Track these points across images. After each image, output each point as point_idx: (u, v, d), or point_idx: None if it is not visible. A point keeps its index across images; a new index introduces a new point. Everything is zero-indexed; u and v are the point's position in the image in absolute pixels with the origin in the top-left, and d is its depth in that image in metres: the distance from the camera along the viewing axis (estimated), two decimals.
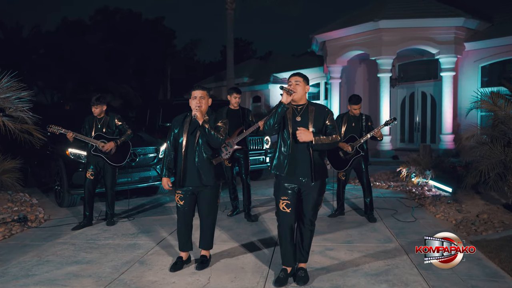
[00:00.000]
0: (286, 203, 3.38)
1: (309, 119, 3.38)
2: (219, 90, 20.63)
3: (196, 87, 3.74)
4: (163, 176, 3.80)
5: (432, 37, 11.92)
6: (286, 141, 3.38)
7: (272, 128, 3.34)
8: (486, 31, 12.28)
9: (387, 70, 12.43)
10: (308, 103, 3.48)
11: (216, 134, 3.60)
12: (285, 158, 3.37)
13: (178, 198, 3.76)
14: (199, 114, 3.58)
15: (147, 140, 7.20)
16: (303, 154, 3.35)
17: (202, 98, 3.67)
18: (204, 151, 3.68)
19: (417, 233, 4.71)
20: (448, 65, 12.12)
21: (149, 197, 7.24)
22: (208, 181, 3.69)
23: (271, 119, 3.30)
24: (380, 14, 11.98)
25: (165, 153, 3.83)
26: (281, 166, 3.38)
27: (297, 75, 3.44)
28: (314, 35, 14.04)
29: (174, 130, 3.79)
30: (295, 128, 3.34)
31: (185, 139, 3.67)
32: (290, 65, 18.85)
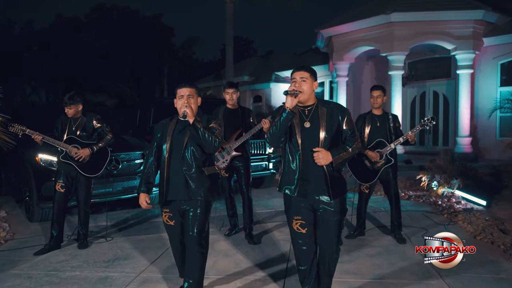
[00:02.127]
0: (301, 223, 2.76)
1: (320, 124, 2.70)
2: (218, 89, 19.67)
3: (182, 85, 3.01)
4: (140, 191, 3.10)
5: (449, 31, 10.98)
6: (295, 154, 2.74)
7: (277, 140, 2.70)
8: (506, 26, 11.35)
9: (399, 68, 11.49)
10: (318, 103, 2.78)
11: (211, 136, 2.88)
12: (295, 175, 2.73)
13: (167, 218, 3.05)
14: (190, 110, 2.87)
15: (132, 144, 6.26)
16: (316, 168, 2.70)
17: (190, 97, 2.96)
18: (194, 157, 2.96)
19: (464, 264, 3.77)
20: (465, 62, 11.18)
21: (135, 209, 6.30)
22: (197, 193, 2.94)
23: (273, 129, 2.63)
24: (392, 6, 11.03)
25: (145, 164, 3.16)
26: (291, 185, 2.75)
27: (303, 70, 2.74)
28: (320, 29, 13.09)
29: (157, 135, 3.10)
30: (305, 137, 2.70)
31: (169, 141, 2.99)
32: (292, 63, 17.93)
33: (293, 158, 2.72)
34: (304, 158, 2.69)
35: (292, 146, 2.73)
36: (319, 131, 2.68)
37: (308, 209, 2.75)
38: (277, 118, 2.64)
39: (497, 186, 6.76)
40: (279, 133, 2.64)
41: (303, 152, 2.69)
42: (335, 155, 2.65)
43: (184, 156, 2.93)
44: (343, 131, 2.74)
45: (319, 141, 2.66)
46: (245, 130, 4.69)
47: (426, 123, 4.37)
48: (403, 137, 4.38)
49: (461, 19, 10.88)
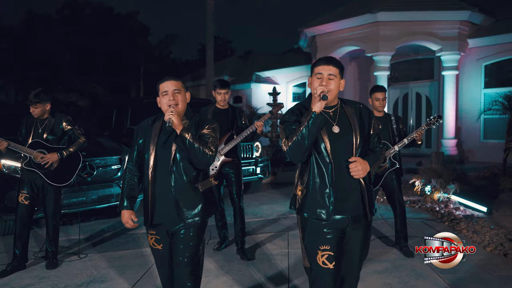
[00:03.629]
0: (329, 255, 2.21)
1: (352, 128, 2.24)
2: (197, 89, 19.10)
3: (165, 78, 2.41)
4: (122, 208, 2.47)
5: (434, 32, 10.82)
6: (324, 167, 2.20)
7: (303, 152, 2.16)
8: (490, 27, 11.29)
9: (384, 68, 11.26)
10: (341, 102, 2.33)
11: (202, 148, 2.28)
12: (327, 194, 2.20)
13: (154, 241, 2.45)
14: (176, 118, 2.27)
15: (108, 148, 5.68)
16: (351, 182, 2.23)
17: (176, 93, 2.39)
18: (185, 172, 2.36)
19: (482, 282, 3.43)
20: (450, 63, 11.06)
21: (112, 219, 5.73)
22: (190, 215, 2.36)
23: (298, 137, 2.12)
24: (378, 5, 10.78)
25: (125, 175, 2.52)
26: (321, 207, 2.21)
27: (331, 63, 2.21)
28: (303, 28, 12.75)
29: (138, 140, 2.48)
30: (335, 144, 2.21)
31: (153, 152, 2.37)
32: (273, 63, 17.58)
33: (321, 173, 2.20)
34: (337, 171, 2.19)
35: (319, 158, 2.21)
36: (351, 136, 2.21)
37: (338, 235, 2.23)
38: (303, 125, 2.11)
39: (492, 190, 6.54)
40: (307, 144, 2.11)
41: (335, 163, 2.19)
42: (372, 165, 2.21)
43: (172, 170, 2.34)
44: (370, 135, 2.32)
45: (353, 149, 2.20)
46: (236, 132, 4.23)
47: (433, 122, 4.02)
48: (407, 138, 4.02)
49: (447, 20, 10.75)
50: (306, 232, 2.29)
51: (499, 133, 10.60)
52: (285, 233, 4.93)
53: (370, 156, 2.26)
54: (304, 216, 2.27)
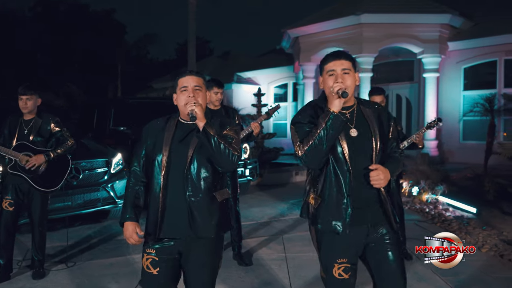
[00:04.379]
0: (345, 267, 2.06)
1: (372, 131, 2.05)
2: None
3: (186, 72, 2.19)
4: (125, 219, 2.17)
5: (416, 34, 10.96)
6: (341, 174, 2.01)
7: (321, 157, 1.97)
8: (470, 30, 11.53)
9: (368, 70, 11.33)
10: (359, 102, 2.14)
11: (228, 148, 2.03)
12: (344, 203, 2.01)
13: (149, 263, 2.10)
14: (200, 110, 2.03)
15: (94, 150, 5.45)
16: (370, 191, 2.05)
17: (197, 90, 2.14)
18: (203, 177, 2.09)
19: (484, 284, 3.42)
20: (432, 66, 11.23)
21: (98, 223, 5.50)
22: (207, 230, 2.09)
23: (315, 141, 1.93)
24: (362, 7, 10.85)
25: (129, 180, 2.24)
26: (337, 218, 2.02)
27: (343, 57, 2.04)
28: (287, 29, 12.71)
29: (146, 142, 2.22)
30: (353, 149, 2.02)
31: (166, 154, 2.10)
32: (254, 64, 17.48)
33: (338, 181, 2.01)
34: (355, 179, 2.01)
35: (336, 165, 2.02)
36: (371, 140, 2.03)
37: (356, 248, 2.08)
38: (320, 127, 1.92)
39: (478, 191, 6.64)
40: (325, 148, 1.92)
41: (354, 170, 2.00)
42: (393, 173, 2.03)
43: (189, 175, 2.07)
44: (388, 140, 2.13)
45: (373, 155, 2.02)
46: None
47: (432, 124, 4.01)
48: (407, 140, 3.99)
49: (428, 23, 10.91)
50: (321, 246, 2.12)
51: (478, 134, 10.85)
52: (280, 237, 4.84)
53: (391, 164, 2.08)
54: (319, 228, 2.09)
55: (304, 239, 4.73)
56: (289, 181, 8.91)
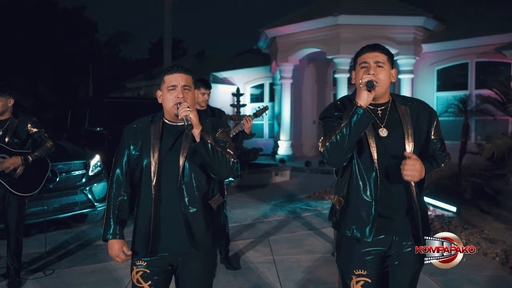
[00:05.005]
0: (364, 281, 1.87)
1: (404, 131, 1.85)
2: (150, 89, 18.47)
3: (173, 69, 1.97)
4: (109, 237, 1.96)
5: (392, 36, 11.14)
6: (367, 176, 1.84)
7: (343, 154, 1.77)
8: (442, 33, 11.82)
9: (345, 71, 11.42)
10: (394, 99, 1.94)
11: (225, 155, 1.86)
12: (370, 208, 1.83)
13: (139, 276, 1.95)
14: (195, 116, 1.84)
15: (71, 152, 5.23)
16: (399, 196, 1.86)
17: (187, 89, 1.94)
18: (197, 185, 1.93)
19: (473, 283, 3.46)
20: (407, 67, 11.44)
21: (74, 228, 5.28)
22: (204, 241, 1.95)
23: (337, 137, 1.74)
24: (339, 8, 10.93)
25: (111, 189, 2.01)
26: (361, 224, 1.85)
27: (377, 50, 1.87)
28: (264, 29, 12.67)
29: (128, 146, 2.00)
30: (382, 151, 1.84)
31: (155, 162, 1.91)
32: (230, 64, 17.37)
33: (364, 183, 1.84)
34: (382, 182, 1.83)
35: (362, 165, 1.85)
36: (403, 142, 1.84)
37: (378, 260, 1.90)
38: (344, 122, 1.74)
39: (456, 190, 6.77)
40: (347, 145, 1.74)
41: (381, 172, 1.83)
42: (429, 171, 1.79)
43: (183, 183, 1.90)
44: (430, 141, 1.92)
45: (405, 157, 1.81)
46: None
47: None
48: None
49: (404, 25, 11.09)
50: (340, 251, 1.96)
51: (450, 134, 11.12)
52: (265, 239, 4.77)
53: (429, 161, 1.84)
54: (340, 232, 1.94)
55: (291, 241, 4.69)
56: (269, 182, 8.87)
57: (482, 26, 10.84)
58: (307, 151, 14.20)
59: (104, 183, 5.22)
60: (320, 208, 6.38)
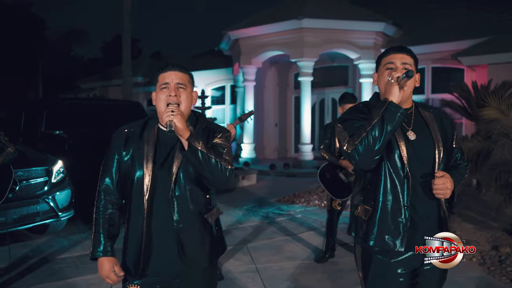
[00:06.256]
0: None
1: (433, 135, 1.80)
2: (105, 90, 17.75)
3: (168, 67, 1.80)
4: (99, 254, 1.76)
5: (354, 41, 11.38)
6: (398, 181, 1.74)
7: (373, 155, 1.66)
8: (400, 39, 12.20)
9: (308, 74, 11.52)
10: (416, 105, 1.90)
11: (219, 161, 1.69)
12: (401, 215, 1.75)
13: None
14: (179, 120, 1.65)
15: (31, 157, 4.81)
16: (428, 204, 1.78)
17: (181, 88, 1.78)
18: (191, 198, 1.76)
19: (457, 285, 3.50)
20: (367, 71, 11.70)
21: (34, 240, 4.86)
22: (199, 260, 1.79)
23: (369, 138, 1.63)
24: (303, 12, 11.00)
25: (99, 201, 1.81)
26: (392, 234, 1.75)
27: (405, 52, 1.80)
28: (227, 31, 12.51)
29: (120, 152, 1.81)
30: (412, 155, 1.75)
31: (149, 174, 1.73)
32: (190, 65, 16.96)
33: (394, 189, 1.74)
34: (414, 187, 1.74)
35: (392, 170, 1.75)
36: (432, 147, 1.78)
37: (408, 274, 1.80)
38: (375, 119, 1.64)
39: None
40: (381, 143, 1.64)
41: (413, 178, 1.74)
42: (457, 184, 1.77)
43: (175, 196, 1.73)
44: (452, 149, 1.89)
45: (435, 164, 1.78)
46: None
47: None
48: None
49: (365, 30, 11.37)
50: (370, 272, 1.80)
51: None
52: (244, 246, 4.62)
53: (455, 173, 1.81)
54: (369, 248, 1.80)
55: (270, 248, 4.57)
56: (236, 186, 8.70)
57: (438, 33, 11.31)
58: (269, 154, 14.18)
59: (67, 191, 4.86)
60: (293, 212, 6.31)
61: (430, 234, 1.76)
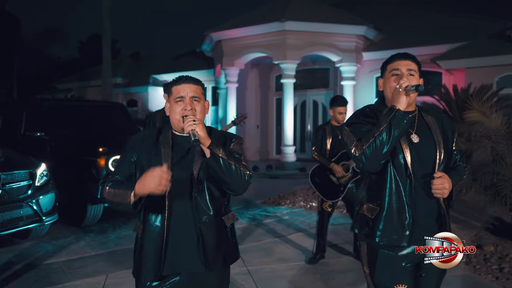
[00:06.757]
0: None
1: (435, 139, 1.91)
2: (83, 91, 17.40)
3: (182, 79, 1.84)
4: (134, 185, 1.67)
5: (336, 44, 11.51)
6: (401, 182, 1.86)
7: (380, 159, 1.77)
8: (380, 43, 12.42)
9: (291, 76, 11.59)
10: (419, 110, 1.99)
11: (238, 167, 1.74)
12: (405, 214, 1.86)
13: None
14: (201, 129, 1.69)
15: (14, 160, 4.66)
16: (429, 203, 1.90)
17: (195, 100, 1.82)
18: (212, 203, 1.82)
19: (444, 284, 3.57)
20: (349, 74, 11.88)
21: (17, 245, 4.71)
22: (217, 260, 1.83)
23: (376, 142, 1.73)
24: (286, 14, 11.06)
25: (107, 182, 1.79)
26: (398, 231, 1.86)
27: (410, 59, 1.90)
28: (210, 32, 12.45)
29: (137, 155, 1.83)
30: (415, 157, 1.87)
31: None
32: (171, 66, 16.88)
33: (398, 189, 1.85)
34: (416, 187, 1.86)
35: (395, 170, 1.86)
36: (434, 149, 1.89)
37: (412, 270, 1.91)
38: (383, 125, 1.74)
39: None
40: (388, 147, 1.74)
41: (415, 179, 1.85)
42: (455, 184, 1.90)
43: (197, 202, 1.78)
44: (452, 151, 2.00)
45: (436, 165, 1.88)
46: None
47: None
48: None
49: (346, 33, 11.52)
50: (377, 265, 1.90)
51: None
52: None
53: (454, 174, 1.93)
54: (374, 243, 1.89)
55: (260, 250, 4.56)
56: None
57: (418, 37, 11.56)
58: (251, 156, 14.18)
59: (51, 194, 4.73)
60: (280, 214, 6.33)
61: (430, 230, 1.87)
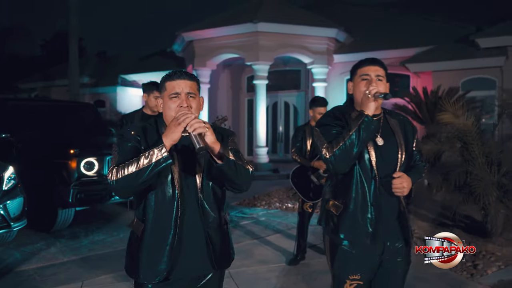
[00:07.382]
0: (357, 284, 2.02)
1: (397, 141, 2.04)
2: (47, 91, 16.74)
3: (176, 74, 1.75)
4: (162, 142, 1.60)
5: (308, 46, 11.62)
6: (366, 183, 1.99)
7: (349, 161, 1.92)
8: (350, 45, 12.64)
9: (263, 77, 11.62)
10: (384, 112, 2.13)
11: (245, 167, 1.74)
12: (367, 213, 1.99)
13: None
14: (212, 133, 1.64)
15: None
16: (390, 202, 2.02)
17: (191, 97, 1.74)
18: (216, 202, 1.80)
19: (424, 281, 3.65)
20: (320, 76, 12.03)
21: None
22: (224, 260, 1.84)
23: (346, 144, 1.87)
24: (258, 15, 11.07)
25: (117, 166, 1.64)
26: (361, 228, 1.99)
27: (378, 64, 2.03)
28: (181, 32, 12.28)
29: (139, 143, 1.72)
30: (379, 158, 1.99)
31: (176, 174, 1.71)
32: (140, 66, 16.57)
33: (363, 189, 1.98)
34: (379, 187, 1.98)
35: (362, 172, 1.98)
36: (396, 150, 2.02)
37: (371, 264, 2.03)
38: (353, 129, 1.87)
39: None
40: (356, 151, 1.88)
41: (379, 179, 1.98)
42: (414, 183, 2.03)
43: (204, 202, 1.75)
44: (413, 152, 2.15)
45: (397, 165, 2.02)
46: None
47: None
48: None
49: (318, 35, 11.66)
50: (336, 258, 2.06)
51: None
52: None
53: (413, 173, 2.07)
54: (336, 239, 2.03)
55: (240, 252, 4.51)
56: None
57: (387, 40, 11.84)
58: None
59: (20, 199, 4.50)
60: (256, 215, 6.31)
61: (392, 228, 2.01)
